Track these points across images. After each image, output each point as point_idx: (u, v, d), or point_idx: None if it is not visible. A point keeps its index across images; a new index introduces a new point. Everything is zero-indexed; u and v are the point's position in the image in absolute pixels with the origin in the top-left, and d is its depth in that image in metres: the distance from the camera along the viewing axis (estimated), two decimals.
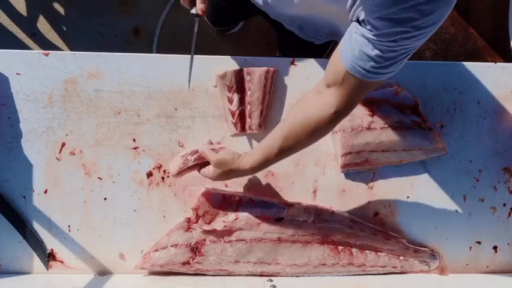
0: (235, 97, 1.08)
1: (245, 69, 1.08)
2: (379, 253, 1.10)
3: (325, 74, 0.83)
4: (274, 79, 1.10)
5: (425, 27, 0.69)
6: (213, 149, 0.99)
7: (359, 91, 0.80)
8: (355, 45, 0.74)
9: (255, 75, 1.08)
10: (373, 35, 0.70)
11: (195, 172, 1.09)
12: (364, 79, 0.76)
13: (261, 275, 1.08)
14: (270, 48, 1.98)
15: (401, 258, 1.11)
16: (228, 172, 0.95)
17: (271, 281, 1.06)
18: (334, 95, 0.80)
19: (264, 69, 1.08)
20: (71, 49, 1.98)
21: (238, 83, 1.08)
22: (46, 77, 1.08)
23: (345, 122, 1.06)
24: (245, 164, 0.92)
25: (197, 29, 0.94)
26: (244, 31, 2.00)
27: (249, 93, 1.08)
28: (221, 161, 0.94)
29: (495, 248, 1.15)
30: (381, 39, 0.70)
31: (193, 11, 0.92)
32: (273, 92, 1.10)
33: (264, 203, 1.08)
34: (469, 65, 1.14)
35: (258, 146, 0.92)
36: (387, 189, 1.13)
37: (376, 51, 0.72)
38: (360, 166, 1.09)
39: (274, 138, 0.88)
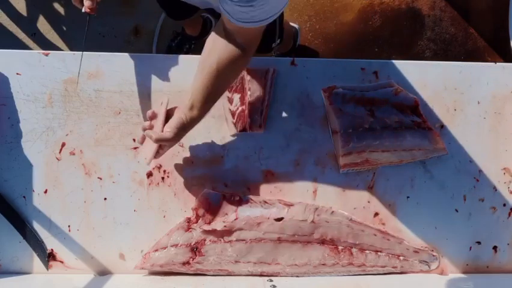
0: (235, 97, 1.08)
1: (245, 69, 1.08)
2: (379, 253, 1.10)
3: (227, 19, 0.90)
4: (274, 79, 1.10)
5: None
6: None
7: (257, 32, 0.91)
8: (230, 6, 0.81)
9: (255, 75, 1.08)
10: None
11: (195, 172, 1.09)
12: (255, 26, 0.84)
13: (261, 275, 1.08)
14: None
15: (401, 258, 1.11)
16: (185, 132, 0.98)
17: (271, 281, 1.06)
18: (239, 38, 0.90)
19: (264, 69, 1.09)
20: (71, 49, 1.98)
21: (238, 83, 1.08)
22: (46, 77, 1.08)
23: (345, 122, 1.06)
24: (194, 116, 0.96)
25: (87, 27, 0.98)
26: None
27: (249, 93, 1.08)
28: (180, 130, 0.96)
29: (495, 248, 1.15)
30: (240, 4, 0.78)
31: (83, 9, 0.94)
32: (273, 92, 1.10)
33: (264, 203, 1.08)
34: (469, 65, 1.14)
35: (194, 93, 0.94)
36: (387, 189, 1.13)
37: (248, 9, 0.79)
38: (360, 166, 1.09)
39: (206, 82, 0.93)
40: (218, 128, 1.10)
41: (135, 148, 1.09)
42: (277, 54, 1.92)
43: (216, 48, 0.93)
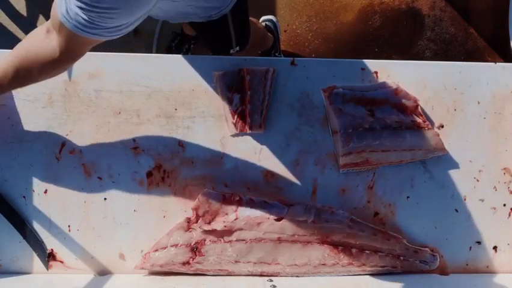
0: (235, 97, 1.08)
1: (245, 69, 1.08)
2: (379, 253, 1.10)
3: (51, 13, 0.81)
4: (274, 79, 1.10)
5: (117, 9, 0.70)
6: None
7: (76, 43, 0.80)
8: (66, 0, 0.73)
9: (255, 75, 1.08)
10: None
11: (195, 172, 1.09)
12: (77, 33, 0.75)
13: (261, 275, 1.08)
14: None
15: (401, 258, 1.11)
16: None
17: (271, 281, 1.06)
18: (56, 40, 0.81)
19: (264, 69, 1.09)
20: None
21: (238, 83, 1.08)
22: None
23: (345, 122, 1.06)
24: None
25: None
26: None
27: (249, 93, 1.08)
28: None
29: (495, 248, 1.15)
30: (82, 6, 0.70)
31: None
32: (273, 92, 1.10)
33: (264, 203, 1.08)
34: (469, 65, 1.14)
35: (1, 68, 0.87)
36: (387, 189, 1.13)
37: (80, 15, 0.72)
38: (360, 166, 1.09)
39: (11, 65, 0.86)
40: (218, 128, 1.10)
41: (135, 148, 1.09)
42: (261, 52, 1.91)
43: (34, 44, 0.84)
